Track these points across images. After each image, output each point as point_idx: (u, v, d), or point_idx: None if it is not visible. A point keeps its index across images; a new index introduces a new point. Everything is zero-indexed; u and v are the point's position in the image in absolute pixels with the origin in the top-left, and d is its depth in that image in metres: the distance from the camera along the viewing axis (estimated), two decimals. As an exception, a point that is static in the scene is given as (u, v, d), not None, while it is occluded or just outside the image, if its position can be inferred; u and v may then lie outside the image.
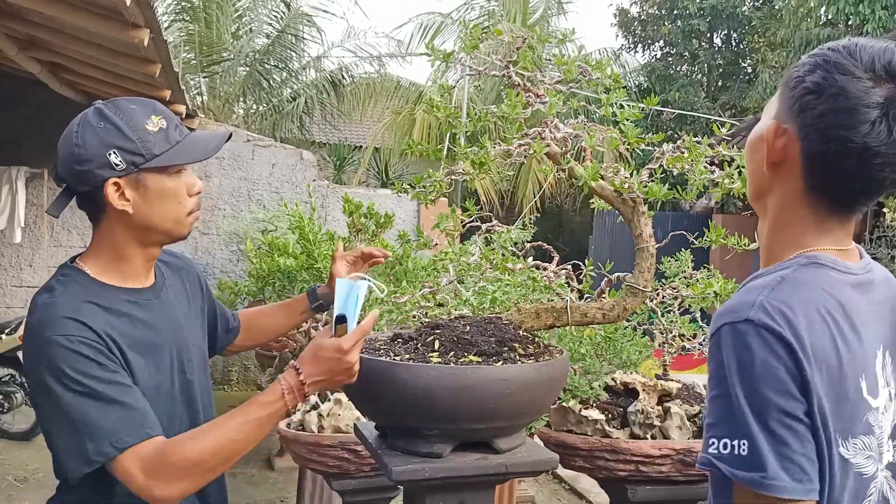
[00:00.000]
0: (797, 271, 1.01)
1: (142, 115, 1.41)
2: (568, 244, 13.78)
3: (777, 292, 0.97)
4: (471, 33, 1.79)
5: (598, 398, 2.37)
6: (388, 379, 1.56)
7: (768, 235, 1.11)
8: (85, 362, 1.31)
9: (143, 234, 1.46)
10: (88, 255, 1.48)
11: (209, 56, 11.49)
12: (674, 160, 1.76)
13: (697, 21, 14.83)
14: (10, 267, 7.09)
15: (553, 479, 5.12)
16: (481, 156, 1.70)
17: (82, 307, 1.37)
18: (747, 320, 0.95)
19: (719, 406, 0.96)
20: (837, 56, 1.00)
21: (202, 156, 1.48)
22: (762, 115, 1.12)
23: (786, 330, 0.94)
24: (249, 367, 7.55)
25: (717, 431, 0.95)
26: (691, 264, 2.46)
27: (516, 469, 1.69)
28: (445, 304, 2.19)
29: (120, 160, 1.38)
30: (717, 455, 0.94)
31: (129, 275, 1.48)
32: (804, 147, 1.02)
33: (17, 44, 4.58)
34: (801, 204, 1.05)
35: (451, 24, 14.73)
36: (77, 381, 1.30)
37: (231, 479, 5.09)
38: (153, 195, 1.43)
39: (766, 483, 0.90)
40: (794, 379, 0.92)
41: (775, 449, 0.91)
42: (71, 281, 1.42)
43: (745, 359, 0.94)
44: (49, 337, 1.31)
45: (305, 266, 3.17)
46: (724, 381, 0.95)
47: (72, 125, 1.42)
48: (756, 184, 1.11)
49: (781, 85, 1.08)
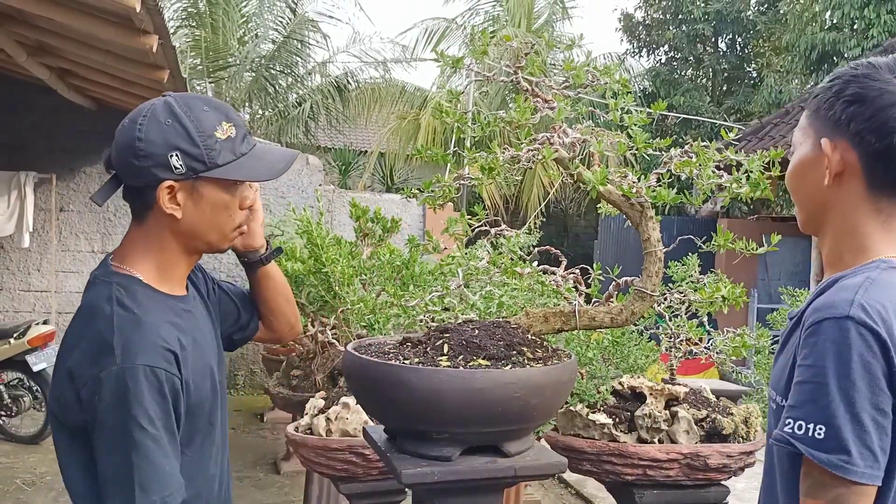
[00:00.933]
0: (882, 274, 1.10)
1: (213, 120, 1.33)
2: (573, 249, 13.78)
3: (872, 293, 1.06)
4: (479, 39, 1.80)
5: (606, 402, 2.37)
6: (398, 382, 1.56)
7: (833, 246, 1.20)
8: (164, 403, 1.24)
9: (187, 241, 1.38)
10: (133, 257, 1.37)
11: (215, 61, 11.54)
12: (682, 164, 1.76)
13: (702, 25, 14.85)
14: (19, 271, 7.12)
15: (559, 484, 5.11)
16: (490, 161, 1.71)
17: (165, 331, 1.28)
18: (848, 317, 1.03)
19: (804, 391, 1.05)
20: (862, 69, 1.14)
21: (266, 175, 1.39)
22: (794, 148, 1.24)
23: (882, 329, 1.02)
24: (256, 371, 7.56)
25: (795, 413, 1.04)
26: (698, 268, 2.47)
27: (525, 473, 1.70)
28: (452, 308, 2.20)
29: (181, 164, 1.29)
30: (791, 434, 1.04)
31: (175, 281, 1.40)
32: (862, 151, 1.13)
33: (27, 50, 4.61)
34: (865, 206, 1.16)
35: (455, 30, 14.76)
36: (152, 422, 1.21)
37: (238, 483, 5.09)
38: (205, 205, 1.35)
39: (845, 467, 0.99)
40: (885, 375, 1.01)
41: (859, 437, 0.99)
42: (136, 292, 1.31)
43: (844, 352, 1.02)
44: (136, 366, 1.21)
45: (313, 270, 3.17)
46: (817, 369, 1.03)
47: (138, 113, 1.32)
48: (813, 204, 1.22)
49: (810, 113, 1.20)
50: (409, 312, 2.24)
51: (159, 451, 1.22)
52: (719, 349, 2.42)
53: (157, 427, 1.22)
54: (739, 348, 2.29)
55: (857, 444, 0.99)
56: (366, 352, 1.73)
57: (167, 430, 1.24)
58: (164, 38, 3.80)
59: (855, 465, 0.99)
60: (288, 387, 3.65)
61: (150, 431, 1.21)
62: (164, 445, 1.23)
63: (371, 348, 1.79)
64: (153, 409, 1.22)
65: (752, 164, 1.75)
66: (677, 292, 2.11)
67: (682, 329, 2.44)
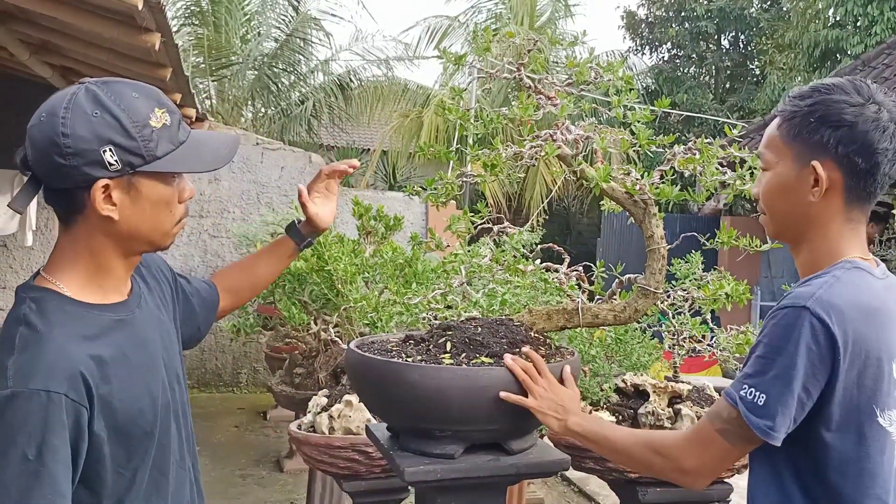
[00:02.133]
0: (846, 273, 1.25)
1: (145, 107, 1.19)
2: (575, 246, 13.77)
3: (834, 289, 1.22)
4: (482, 36, 1.80)
5: (609, 400, 2.37)
6: (401, 380, 1.56)
7: (810, 254, 1.33)
8: (60, 432, 1.10)
9: (125, 244, 1.25)
10: (59, 268, 1.24)
11: (218, 60, 11.54)
12: (685, 161, 1.76)
13: (705, 23, 14.82)
14: (22, 270, 7.13)
15: (562, 482, 5.11)
16: (493, 158, 1.71)
17: (72, 349, 1.15)
18: (805, 307, 1.19)
19: (757, 363, 1.23)
20: (837, 95, 1.26)
21: (212, 164, 1.28)
22: (766, 166, 1.35)
23: (832, 323, 1.18)
24: (259, 369, 7.57)
25: (750, 381, 1.23)
26: (701, 266, 2.46)
27: (528, 470, 1.70)
28: (455, 306, 2.20)
29: (115, 159, 1.16)
30: (741, 398, 1.23)
31: (110, 288, 1.27)
32: (847, 170, 1.26)
33: (30, 48, 4.61)
34: (840, 217, 1.29)
35: (458, 28, 14.75)
36: (39, 455, 1.09)
37: (241, 481, 5.10)
38: (145, 202, 1.22)
39: (769, 432, 1.20)
40: (823, 364, 1.18)
41: (786, 410, 1.20)
42: (47, 307, 1.18)
43: (794, 338, 1.19)
44: (30, 391, 1.09)
45: (316, 268, 3.17)
46: (770, 348, 1.22)
47: (55, 105, 1.17)
48: (793, 218, 1.33)
49: (785, 135, 1.31)
50: (412, 310, 2.23)
51: (40, 488, 1.09)
52: (722, 347, 2.42)
53: (44, 460, 1.09)
54: (743, 345, 2.28)
55: (780, 415, 1.20)
56: (368, 350, 1.73)
57: (58, 462, 1.10)
58: (166, 37, 3.79)
59: (773, 432, 1.20)
60: (291, 385, 3.65)
61: (35, 465, 1.08)
62: (48, 482, 1.09)
63: (374, 346, 1.79)
64: (42, 439, 1.09)
65: (755, 161, 1.74)
66: (680, 289, 2.11)
67: (686, 326, 2.43)
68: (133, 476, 1.24)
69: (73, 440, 1.13)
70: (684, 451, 1.33)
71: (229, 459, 5.31)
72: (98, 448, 1.18)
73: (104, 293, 1.26)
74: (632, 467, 1.61)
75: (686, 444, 1.33)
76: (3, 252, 7.09)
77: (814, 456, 1.24)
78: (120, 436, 1.21)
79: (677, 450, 1.34)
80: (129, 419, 1.21)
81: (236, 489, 4.74)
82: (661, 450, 1.37)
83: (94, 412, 1.16)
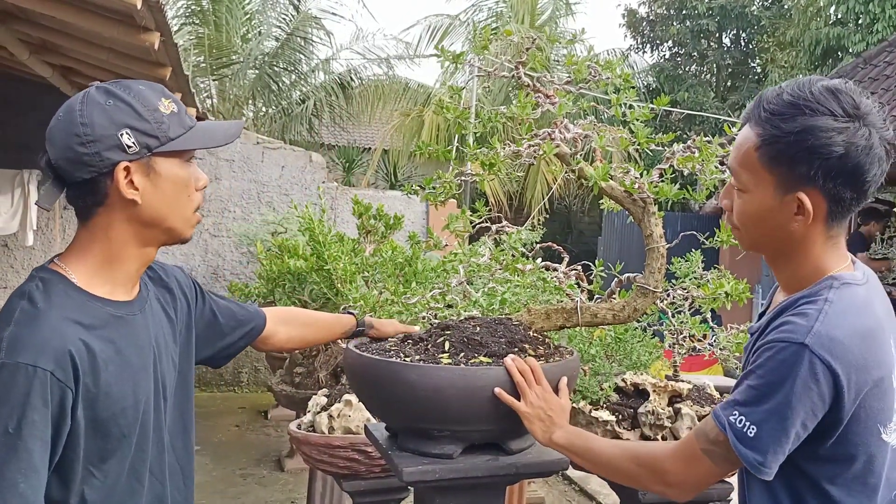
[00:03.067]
0: (837, 293, 1.22)
1: (153, 96, 1.27)
2: (576, 245, 13.76)
3: (830, 318, 1.18)
4: (481, 34, 1.79)
5: (609, 399, 2.36)
6: (399, 380, 1.56)
7: (793, 272, 1.29)
8: (42, 409, 1.13)
9: (146, 231, 1.29)
10: (72, 257, 1.28)
11: (219, 59, 11.55)
12: (685, 160, 1.75)
13: (706, 21, 14.80)
14: (23, 269, 7.13)
15: (563, 481, 5.11)
16: (491, 157, 1.70)
17: (66, 330, 1.18)
18: (804, 345, 1.15)
19: (750, 393, 1.20)
20: (823, 120, 1.17)
21: (223, 140, 1.35)
22: (744, 187, 1.27)
23: (832, 359, 1.14)
24: (260, 368, 7.57)
25: (739, 409, 1.20)
26: (701, 265, 2.45)
27: (527, 470, 1.69)
28: (455, 305, 2.19)
29: (133, 142, 1.22)
30: (730, 423, 1.20)
31: (118, 283, 1.30)
32: (832, 198, 1.20)
33: (29, 48, 4.61)
34: (822, 237, 1.25)
35: (459, 26, 14.75)
36: (18, 428, 1.11)
37: (241, 480, 5.09)
38: (165, 183, 1.27)
39: (758, 467, 1.18)
40: (822, 401, 1.15)
41: (778, 446, 1.17)
42: (53, 289, 1.22)
43: (792, 375, 1.15)
44: (17, 363, 1.13)
45: (315, 268, 3.17)
46: (766, 381, 1.18)
47: (70, 104, 1.24)
48: (771, 240, 1.29)
49: (764, 158, 1.22)
50: (411, 310, 2.23)
51: (16, 462, 1.11)
52: (723, 345, 2.41)
53: (23, 435, 1.11)
54: (743, 344, 2.27)
55: (773, 453, 1.17)
56: (367, 349, 1.73)
57: (36, 438, 1.13)
58: (165, 36, 3.79)
59: (765, 468, 1.18)
60: (291, 384, 3.65)
61: (13, 438, 1.11)
62: (24, 457, 1.12)
63: (373, 346, 1.78)
64: (23, 413, 1.11)
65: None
66: (680, 288, 2.10)
67: (686, 325, 2.42)
68: (105, 479, 1.25)
69: (56, 419, 1.16)
70: (669, 465, 1.32)
71: (230, 459, 5.31)
72: (75, 436, 1.19)
73: (112, 288, 1.29)
74: (617, 479, 1.58)
75: (671, 460, 1.32)
76: (4, 251, 7.10)
77: (815, 474, 1.23)
78: (97, 431, 1.22)
79: (662, 464, 1.33)
80: (109, 416, 1.23)
81: (237, 488, 4.73)
82: (646, 463, 1.36)
83: (79, 397, 1.18)
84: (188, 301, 1.51)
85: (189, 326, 1.50)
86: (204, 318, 1.55)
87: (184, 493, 1.44)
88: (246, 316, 1.66)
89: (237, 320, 1.64)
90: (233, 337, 1.64)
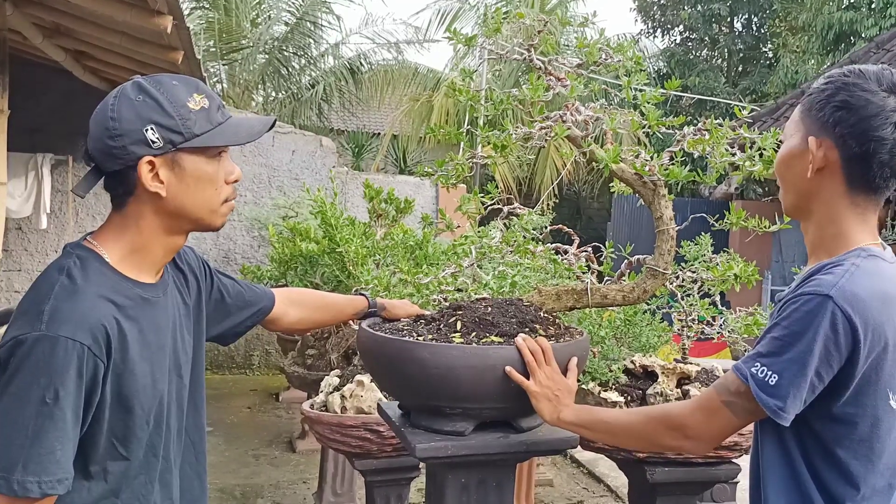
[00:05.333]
0: (864, 261, 1.28)
1: (184, 92, 1.31)
2: (586, 231, 13.73)
3: (856, 278, 1.24)
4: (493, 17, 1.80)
5: (618, 381, 2.39)
6: (412, 359, 1.59)
7: (817, 231, 1.36)
8: (77, 381, 1.19)
9: (173, 221, 1.34)
10: (106, 237, 1.34)
11: (228, 44, 11.56)
12: (695, 142, 1.77)
13: (718, 5, 14.67)
14: (37, 252, 7.20)
15: (571, 463, 5.15)
16: (503, 139, 1.72)
17: (101, 306, 1.24)
18: (828, 296, 1.21)
19: (774, 344, 1.26)
20: (853, 78, 1.29)
21: (246, 138, 1.38)
22: (785, 138, 1.40)
23: (856, 314, 1.20)
24: (271, 351, 7.64)
25: (762, 360, 1.26)
26: (711, 248, 2.47)
27: (536, 448, 1.72)
28: (465, 288, 2.22)
29: (157, 137, 1.27)
30: (752, 374, 1.26)
31: (145, 268, 1.35)
32: (843, 152, 1.29)
33: (43, 31, 4.63)
34: (844, 200, 1.32)
35: (469, 10, 14.68)
36: (56, 398, 1.17)
37: (254, 461, 5.16)
38: (189, 178, 1.32)
39: (779, 413, 1.24)
40: (838, 352, 1.21)
41: (797, 392, 1.23)
42: (90, 266, 1.28)
43: (814, 324, 1.21)
44: (58, 336, 1.18)
45: (328, 250, 3.20)
46: (789, 331, 1.24)
47: (108, 98, 1.31)
48: (797, 191, 1.37)
49: (803, 110, 1.35)
50: (423, 291, 2.26)
51: (54, 430, 1.17)
52: (731, 328, 2.43)
53: (61, 405, 1.17)
54: (752, 326, 2.29)
55: (792, 397, 1.23)
56: (380, 329, 1.75)
57: (71, 409, 1.19)
58: (178, 19, 3.81)
59: (784, 412, 1.24)
60: (303, 366, 3.69)
61: (51, 407, 1.17)
62: (61, 426, 1.18)
63: (386, 325, 1.81)
64: (62, 383, 1.17)
65: (765, 142, 1.75)
66: (689, 271, 2.12)
67: (695, 308, 2.44)
68: (126, 452, 1.30)
69: (88, 390, 1.22)
70: (688, 419, 1.37)
71: (242, 440, 5.37)
72: (101, 409, 1.25)
73: (139, 271, 1.35)
74: (630, 443, 1.64)
75: (690, 413, 1.38)
76: (19, 234, 7.16)
77: (824, 435, 1.28)
78: (121, 406, 1.27)
79: (680, 418, 1.39)
80: (132, 392, 1.28)
81: (249, 469, 4.80)
82: (663, 420, 1.41)
83: (109, 371, 1.24)
84: (199, 282, 1.55)
85: (199, 306, 1.54)
86: (213, 298, 1.60)
87: (195, 467, 1.49)
88: (253, 297, 1.70)
89: (245, 300, 1.67)
90: (239, 317, 1.67)
